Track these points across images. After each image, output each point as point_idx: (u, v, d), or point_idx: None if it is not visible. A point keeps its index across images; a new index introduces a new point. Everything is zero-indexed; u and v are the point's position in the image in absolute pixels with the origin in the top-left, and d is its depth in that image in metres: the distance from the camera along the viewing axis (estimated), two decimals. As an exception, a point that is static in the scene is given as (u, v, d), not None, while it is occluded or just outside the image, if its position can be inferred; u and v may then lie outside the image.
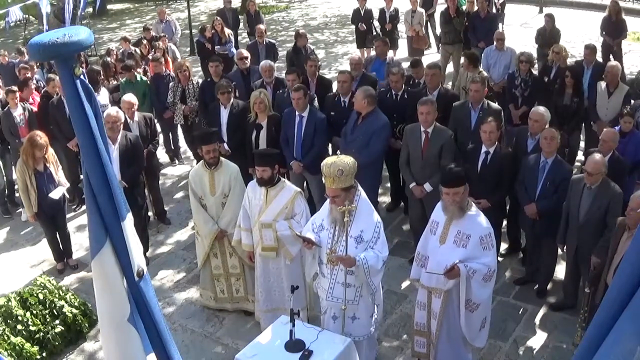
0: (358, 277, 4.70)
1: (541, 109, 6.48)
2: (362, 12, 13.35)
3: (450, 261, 4.64)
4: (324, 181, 4.76)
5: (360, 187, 4.80)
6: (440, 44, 12.84)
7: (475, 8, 11.72)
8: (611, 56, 11.31)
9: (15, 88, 8.35)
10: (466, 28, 11.66)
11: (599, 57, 9.60)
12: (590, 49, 8.70)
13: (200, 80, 9.33)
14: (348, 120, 7.03)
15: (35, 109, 8.45)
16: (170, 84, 8.93)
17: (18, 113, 8.13)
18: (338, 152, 4.84)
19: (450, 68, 11.99)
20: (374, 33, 12.90)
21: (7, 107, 8.22)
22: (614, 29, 11.27)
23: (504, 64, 9.38)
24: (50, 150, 6.93)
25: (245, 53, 9.29)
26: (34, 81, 9.63)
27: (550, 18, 11.24)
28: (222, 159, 6.04)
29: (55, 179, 6.88)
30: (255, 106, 7.16)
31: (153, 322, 2.47)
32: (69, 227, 7.52)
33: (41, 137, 6.75)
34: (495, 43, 9.62)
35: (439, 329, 4.91)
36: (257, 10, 14.39)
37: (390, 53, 12.77)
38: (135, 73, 9.28)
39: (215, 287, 6.27)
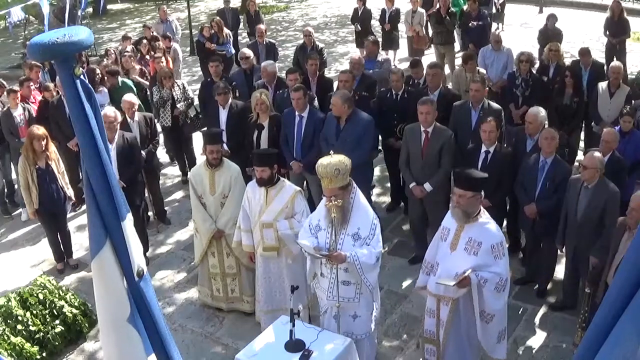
0: (353, 274, 4.70)
1: (535, 109, 6.48)
2: (360, 13, 13.37)
3: (460, 268, 4.58)
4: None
5: (355, 185, 4.81)
6: (432, 45, 12.88)
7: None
8: (614, 57, 11.32)
9: (16, 88, 8.34)
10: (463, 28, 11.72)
11: (599, 58, 9.59)
12: (584, 53, 8.69)
13: (185, 83, 9.28)
14: (325, 126, 6.94)
15: (35, 107, 8.45)
16: (154, 87, 8.72)
17: (18, 113, 8.12)
18: (331, 151, 4.82)
19: (446, 70, 11.98)
20: (369, 34, 12.87)
21: (7, 107, 8.21)
22: (616, 29, 11.29)
23: (501, 64, 9.39)
24: (52, 148, 6.95)
25: (248, 52, 9.29)
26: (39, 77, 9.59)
27: (552, 18, 11.26)
28: (224, 159, 6.05)
29: (59, 178, 6.89)
30: (257, 107, 7.15)
31: (153, 322, 2.47)
32: (69, 227, 7.52)
33: (39, 128, 6.79)
34: (491, 44, 9.62)
35: (446, 337, 4.86)
36: (257, 10, 14.39)
37: (390, 54, 12.83)
38: (120, 78, 9.20)
39: (212, 285, 6.29)
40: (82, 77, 2.22)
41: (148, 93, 9.46)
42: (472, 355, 4.95)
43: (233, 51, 12.52)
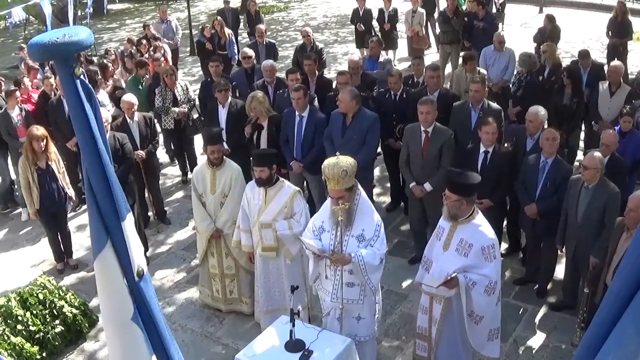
0: (357, 275, 4.70)
1: (535, 109, 6.48)
2: (361, 13, 13.36)
3: (451, 268, 4.58)
4: (325, 182, 4.74)
5: (360, 186, 4.80)
6: (439, 44, 12.85)
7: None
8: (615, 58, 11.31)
9: (18, 95, 8.31)
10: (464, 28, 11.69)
11: (599, 58, 9.59)
12: (583, 55, 8.70)
13: (188, 83, 9.30)
14: (330, 125, 6.94)
15: (31, 107, 8.45)
16: (157, 88, 8.69)
17: (15, 114, 8.12)
18: (337, 152, 4.80)
19: (449, 68, 11.98)
20: (373, 34, 12.88)
21: (4, 109, 8.20)
22: (619, 30, 11.28)
23: (502, 65, 9.37)
24: (53, 148, 6.94)
25: (250, 52, 9.29)
26: (38, 78, 9.61)
27: (549, 19, 11.26)
28: (226, 158, 6.05)
29: (59, 178, 6.88)
30: (251, 113, 7.16)
31: (153, 322, 2.46)
32: (70, 227, 7.52)
33: (38, 128, 6.79)
34: (494, 44, 9.60)
35: (438, 334, 4.88)
36: (257, 10, 14.39)
37: (389, 54, 12.82)
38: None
39: (212, 286, 6.30)
40: (82, 77, 2.22)
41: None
42: (465, 353, 4.94)
43: (236, 54, 12.42)
